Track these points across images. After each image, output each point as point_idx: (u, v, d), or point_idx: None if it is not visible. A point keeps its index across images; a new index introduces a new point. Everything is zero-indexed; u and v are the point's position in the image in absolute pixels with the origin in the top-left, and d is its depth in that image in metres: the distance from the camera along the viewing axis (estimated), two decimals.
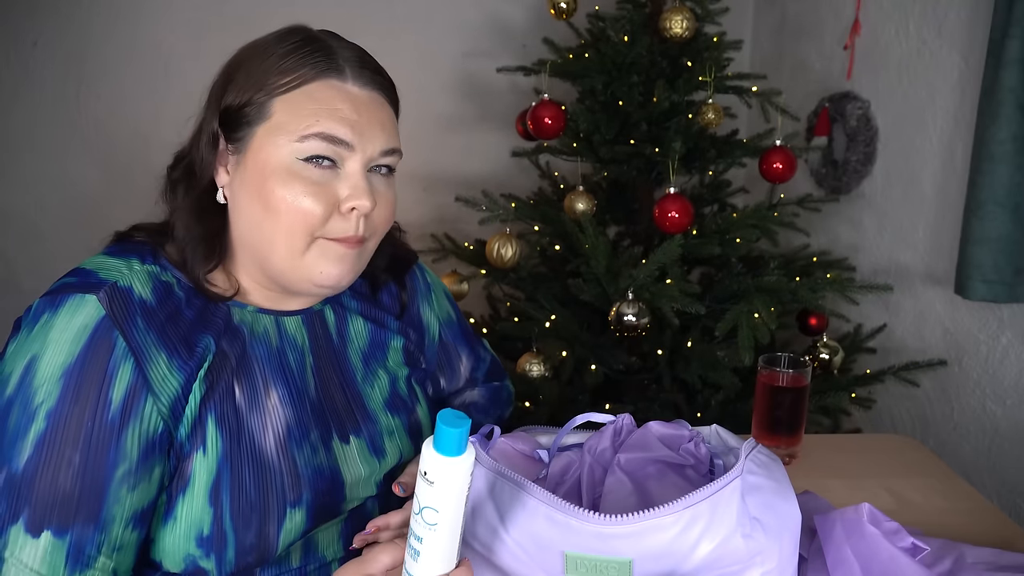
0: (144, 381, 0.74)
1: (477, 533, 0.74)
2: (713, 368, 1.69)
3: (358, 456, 0.89)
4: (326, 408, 0.88)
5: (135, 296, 0.76)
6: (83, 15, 2.26)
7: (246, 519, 0.79)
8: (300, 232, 0.78)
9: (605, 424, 0.87)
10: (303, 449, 0.84)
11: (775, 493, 0.73)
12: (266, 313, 0.86)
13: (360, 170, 0.80)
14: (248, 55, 0.81)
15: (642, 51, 1.76)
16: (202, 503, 0.78)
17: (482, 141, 2.53)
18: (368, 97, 0.81)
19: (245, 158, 0.80)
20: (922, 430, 1.90)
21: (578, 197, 1.75)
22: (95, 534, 0.72)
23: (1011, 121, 1.48)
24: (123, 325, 0.74)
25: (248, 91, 0.79)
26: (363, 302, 0.96)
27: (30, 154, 2.31)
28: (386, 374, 0.95)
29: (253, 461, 0.80)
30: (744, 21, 2.57)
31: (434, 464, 0.63)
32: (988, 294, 1.55)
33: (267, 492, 0.80)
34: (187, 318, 0.79)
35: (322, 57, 0.79)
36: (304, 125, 0.77)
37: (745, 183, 2.23)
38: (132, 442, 0.73)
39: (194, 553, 0.78)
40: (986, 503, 1.03)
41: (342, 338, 0.92)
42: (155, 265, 0.80)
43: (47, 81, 2.28)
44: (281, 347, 0.86)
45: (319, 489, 0.84)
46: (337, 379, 0.90)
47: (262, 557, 0.80)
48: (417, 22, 2.44)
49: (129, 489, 0.74)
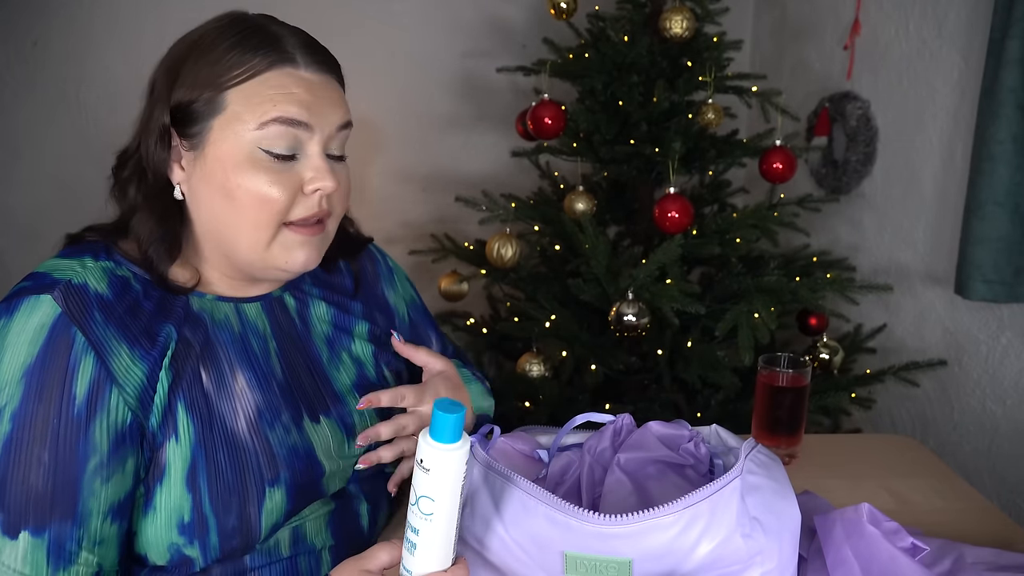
0: (107, 373, 0.74)
1: (477, 533, 0.74)
2: (713, 368, 1.69)
3: (330, 435, 0.89)
4: (294, 390, 0.88)
5: (90, 291, 0.77)
6: (83, 15, 2.26)
7: (225, 502, 0.79)
8: (266, 222, 0.80)
9: (605, 424, 0.87)
10: (275, 429, 0.84)
11: (775, 493, 0.73)
12: (226, 301, 0.87)
13: (320, 152, 0.82)
14: (190, 50, 0.81)
15: (642, 51, 1.76)
16: (180, 490, 0.78)
17: (482, 141, 2.53)
18: (319, 79, 0.83)
19: (204, 152, 0.80)
20: (922, 430, 1.90)
21: (578, 197, 1.75)
22: (73, 529, 0.73)
23: (1011, 121, 1.48)
24: (80, 321, 0.74)
25: (198, 86, 0.79)
26: (322, 288, 0.97)
27: (30, 154, 2.31)
28: (351, 359, 0.96)
29: (227, 444, 0.81)
30: (744, 21, 2.57)
31: (430, 452, 0.64)
32: (988, 294, 1.55)
33: (244, 473, 0.81)
34: (146, 309, 0.80)
35: (272, 47, 0.80)
36: (262, 111, 0.78)
37: (745, 183, 2.23)
38: (101, 435, 0.74)
39: (177, 541, 0.79)
40: (986, 503, 1.03)
41: (304, 323, 0.93)
42: (109, 261, 0.81)
43: (47, 81, 2.28)
44: (243, 333, 0.86)
45: (296, 468, 0.84)
46: (303, 362, 0.91)
47: (247, 541, 0.81)
48: (417, 22, 2.43)
49: (103, 481, 0.74)
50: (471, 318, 2.12)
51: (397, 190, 2.54)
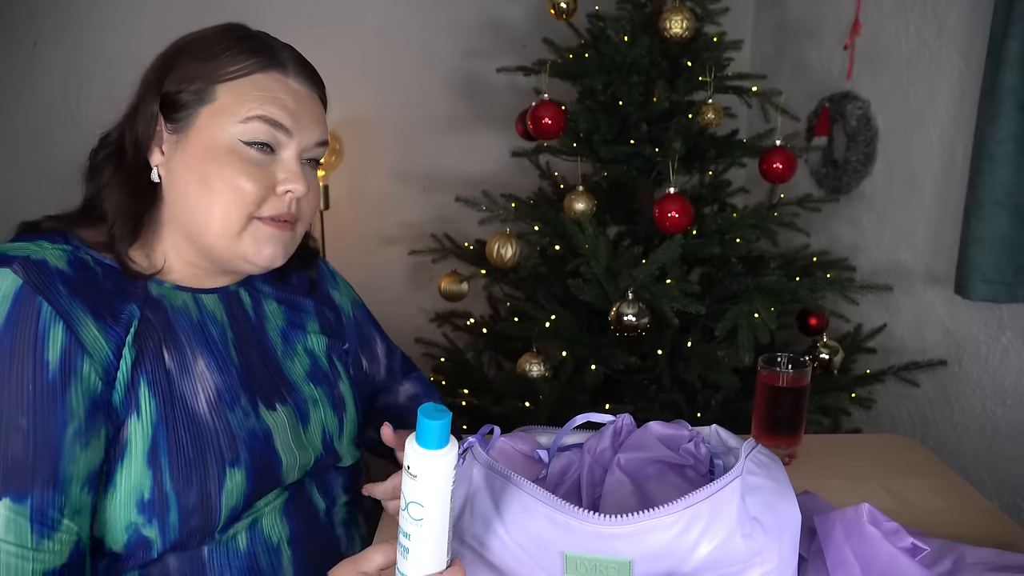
0: (78, 342, 0.75)
1: (477, 533, 0.74)
2: (713, 368, 1.69)
3: (287, 422, 0.91)
4: (251, 378, 0.91)
5: (51, 267, 0.77)
6: (83, 15, 2.26)
7: (186, 478, 0.80)
8: (236, 211, 0.83)
9: (605, 424, 0.87)
10: (235, 412, 0.86)
11: (775, 493, 0.73)
12: (183, 290, 0.88)
13: (295, 157, 0.86)
14: (189, 46, 0.86)
15: (642, 51, 1.76)
16: (141, 467, 0.79)
17: (482, 141, 2.53)
18: (306, 92, 0.88)
19: (187, 137, 0.83)
20: (922, 430, 1.90)
21: (578, 197, 1.75)
22: (55, 496, 0.73)
23: (1011, 121, 1.48)
24: (45, 291, 0.75)
25: (190, 77, 0.83)
26: (276, 287, 1.00)
27: (30, 154, 2.31)
28: (305, 351, 0.99)
29: (188, 422, 0.82)
30: (744, 21, 2.57)
31: (417, 458, 0.64)
32: (988, 294, 1.55)
33: (205, 451, 0.82)
34: (107, 289, 0.81)
35: (267, 53, 0.86)
36: (248, 108, 0.82)
37: (745, 183, 2.23)
38: (77, 401, 0.74)
39: (136, 520, 0.79)
40: (986, 503, 1.03)
41: (259, 317, 0.96)
42: (67, 245, 0.82)
43: (47, 81, 2.28)
44: (202, 320, 0.89)
45: (254, 450, 0.86)
46: (257, 353, 0.93)
47: (206, 523, 0.82)
48: (417, 22, 2.43)
49: (82, 447, 0.75)
50: (471, 318, 2.12)
51: (397, 190, 2.54)
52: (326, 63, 0.95)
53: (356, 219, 2.52)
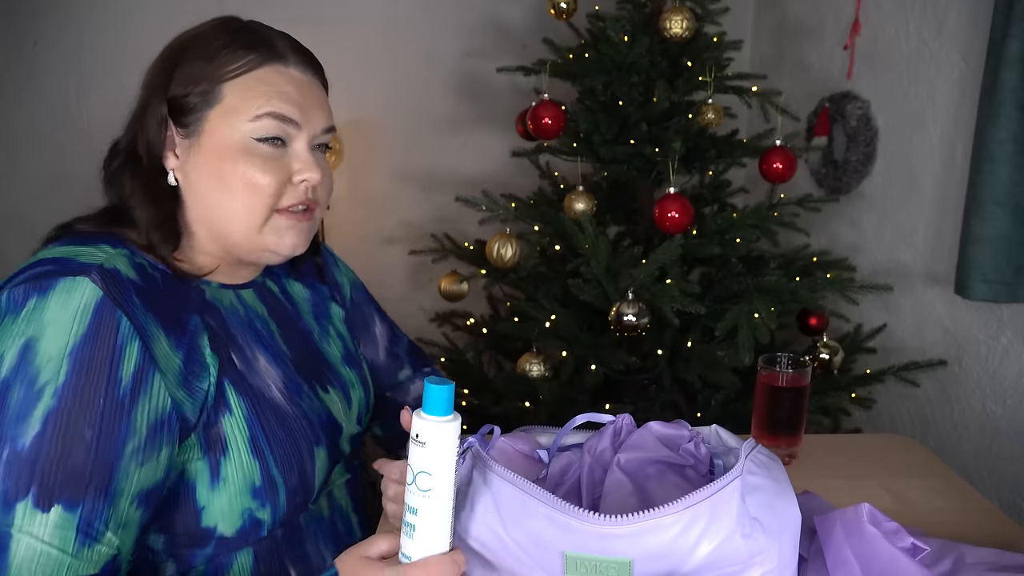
0: (151, 359, 0.77)
1: (477, 533, 0.74)
2: (713, 368, 1.69)
3: (339, 403, 0.98)
4: (304, 366, 0.96)
5: (123, 277, 0.78)
6: (83, 15, 2.26)
7: (287, 463, 0.86)
8: (258, 207, 0.85)
9: (605, 424, 0.87)
10: (303, 398, 0.92)
11: (775, 493, 0.73)
12: (227, 288, 0.92)
13: (306, 147, 0.88)
14: (187, 45, 0.86)
15: (642, 51, 1.76)
16: (247, 458, 0.84)
17: (482, 141, 2.53)
18: (308, 80, 0.89)
19: (199, 141, 0.85)
20: (922, 430, 1.90)
21: (578, 197, 1.75)
22: (105, 508, 0.74)
23: (1011, 121, 1.48)
24: (123, 304, 0.76)
25: (195, 78, 0.84)
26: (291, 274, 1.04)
27: (30, 154, 2.31)
28: (336, 334, 1.05)
29: (274, 413, 0.87)
30: (744, 21, 2.57)
31: (424, 426, 0.68)
32: (988, 294, 1.55)
33: (295, 436, 0.88)
34: (169, 296, 0.83)
35: (264, 45, 0.86)
36: (256, 105, 0.84)
37: (745, 183, 2.23)
38: (141, 419, 0.76)
39: (251, 506, 0.84)
40: (986, 503, 1.03)
41: (292, 302, 1.01)
42: (125, 249, 0.83)
43: (47, 81, 2.28)
44: (248, 318, 0.92)
45: (327, 429, 0.94)
46: (300, 340, 0.98)
47: (306, 497, 0.90)
48: (417, 22, 2.43)
49: (138, 465, 0.76)
50: (471, 318, 2.12)
51: (397, 190, 2.54)
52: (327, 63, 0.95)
53: (356, 219, 2.52)
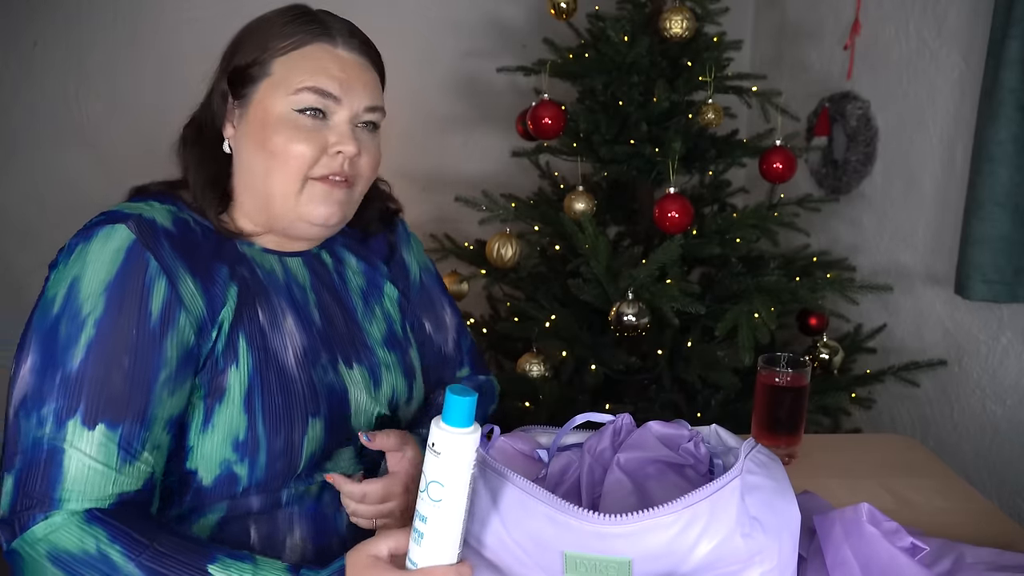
0: (177, 297, 0.84)
1: (477, 533, 0.74)
2: (713, 368, 1.69)
3: (360, 381, 0.99)
4: (331, 336, 0.98)
5: (159, 226, 0.86)
6: (83, 15, 2.26)
7: (275, 426, 0.89)
8: (294, 173, 0.89)
9: (605, 424, 0.87)
10: (316, 368, 0.94)
11: (775, 493, 0.73)
12: (271, 253, 0.96)
13: (346, 121, 0.91)
14: (254, 26, 0.94)
15: (642, 51, 1.76)
16: (238, 411, 0.87)
17: (482, 141, 2.53)
18: (354, 60, 0.93)
19: (248, 111, 0.91)
20: (922, 430, 1.90)
21: (578, 197, 1.75)
22: (141, 431, 0.82)
23: (1011, 121, 1.48)
24: (152, 247, 0.84)
25: (252, 53, 0.91)
26: (356, 252, 1.06)
27: (30, 154, 2.31)
28: (383, 314, 1.06)
29: (278, 375, 0.90)
30: (744, 21, 2.57)
31: (442, 436, 0.65)
32: (988, 294, 1.55)
33: (292, 402, 0.90)
34: (205, 249, 0.89)
35: (317, 25, 0.92)
36: (299, 80, 0.89)
37: (745, 183, 2.23)
38: (172, 350, 0.84)
39: (230, 458, 0.88)
40: (986, 503, 1.03)
41: (342, 278, 1.03)
42: (173, 205, 0.91)
43: (47, 81, 2.28)
44: (288, 282, 0.96)
45: (332, 404, 0.94)
46: (340, 313, 1.00)
47: (289, 466, 0.90)
48: (417, 22, 2.43)
49: (169, 394, 0.84)
50: (471, 318, 2.12)
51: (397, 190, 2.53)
52: None
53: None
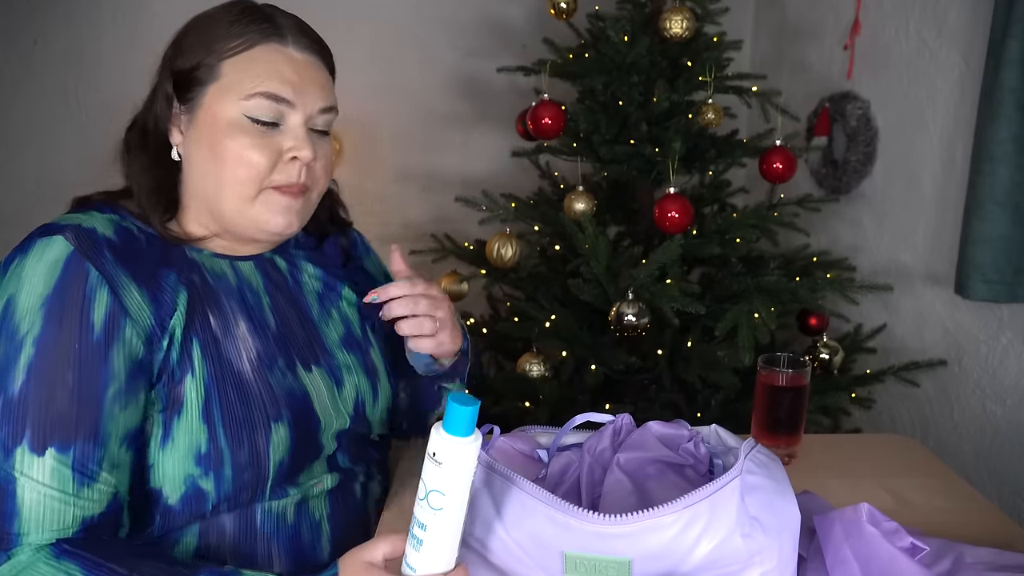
0: (121, 307, 0.80)
1: (476, 533, 0.74)
2: (713, 368, 1.69)
3: (322, 383, 0.95)
4: (287, 340, 0.94)
5: (99, 235, 0.83)
6: (83, 14, 2.26)
7: (237, 434, 0.85)
8: (248, 182, 0.86)
9: (605, 424, 0.87)
10: (274, 372, 0.91)
11: (774, 493, 0.73)
12: (221, 257, 0.93)
13: (301, 124, 0.88)
14: (195, 24, 0.89)
15: (642, 51, 1.76)
16: (197, 422, 0.84)
17: (482, 141, 2.52)
18: (307, 60, 0.89)
19: (197, 116, 0.87)
20: (922, 430, 1.90)
21: (578, 197, 1.75)
22: (95, 450, 0.78)
23: (1011, 121, 1.48)
24: (92, 257, 0.80)
25: (198, 55, 0.86)
26: (310, 252, 1.03)
27: (29, 152, 2.31)
28: (340, 316, 1.02)
29: (235, 382, 0.87)
30: (744, 21, 2.57)
31: (443, 444, 0.64)
32: (988, 294, 1.55)
33: (251, 408, 0.87)
34: (150, 257, 0.86)
35: (266, 24, 0.88)
36: (251, 85, 0.85)
37: (745, 183, 2.23)
38: (119, 362, 0.80)
39: (193, 472, 0.84)
40: (986, 503, 1.03)
41: (296, 281, 1.00)
42: (114, 215, 0.87)
43: (47, 79, 2.28)
44: (239, 287, 0.93)
45: (295, 408, 0.91)
46: (295, 316, 0.97)
47: (257, 476, 0.87)
48: (417, 22, 2.43)
49: (121, 408, 0.80)
50: (471, 318, 2.12)
51: (397, 190, 2.54)
52: None
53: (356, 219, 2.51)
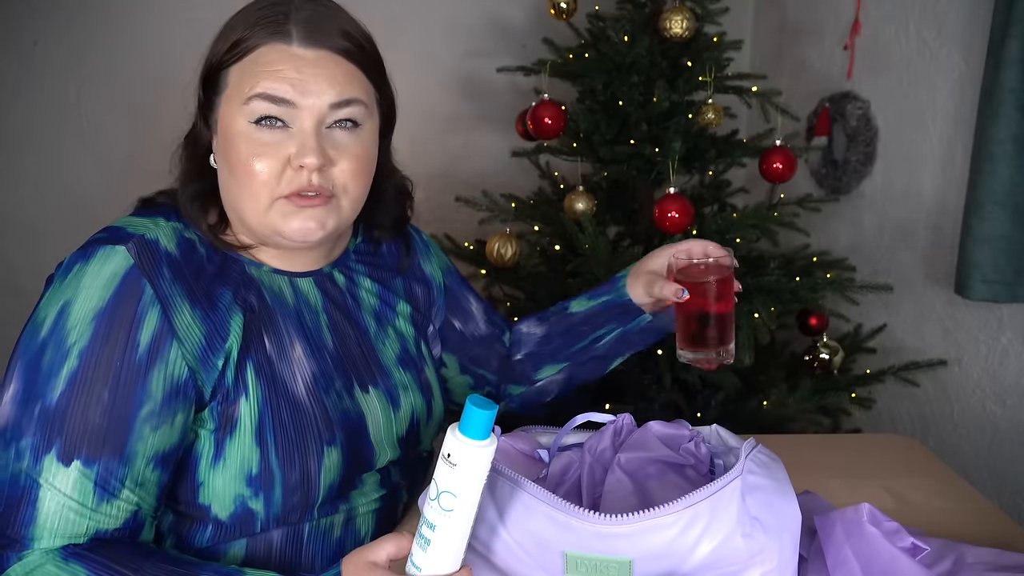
0: (170, 327, 0.79)
1: (477, 533, 0.74)
2: None
3: (378, 405, 0.94)
4: (344, 360, 0.93)
5: (161, 248, 0.82)
6: (83, 15, 2.26)
7: (289, 457, 0.85)
8: (258, 192, 0.83)
9: (605, 424, 0.87)
10: (330, 395, 0.90)
11: (775, 493, 0.73)
12: (280, 274, 0.91)
13: (311, 127, 0.82)
14: (220, 32, 0.87)
15: (642, 51, 1.76)
16: (250, 443, 0.84)
17: (482, 141, 2.52)
18: (314, 56, 0.83)
19: (217, 124, 0.86)
20: (922, 430, 1.90)
21: (578, 197, 1.75)
22: (120, 468, 0.78)
23: (1011, 121, 1.48)
24: (151, 274, 0.80)
25: (214, 64, 0.85)
26: (368, 264, 1.01)
27: (30, 154, 2.31)
28: (396, 334, 1.01)
29: (289, 404, 0.86)
30: (744, 21, 2.57)
31: (459, 447, 0.64)
32: (988, 294, 1.55)
33: (304, 432, 0.86)
34: (209, 272, 0.85)
35: (271, 24, 0.83)
36: (248, 87, 0.82)
37: (745, 183, 2.23)
38: (157, 384, 0.79)
39: (243, 493, 0.84)
40: (986, 503, 1.03)
41: (354, 298, 0.98)
42: (179, 223, 0.87)
43: (47, 81, 2.28)
44: (297, 306, 0.91)
45: (348, 431, 0.90)
46: (352, 335, 0.95)
47: (306, 497, 0.86)
48: (417, 22, 2.43)
49: (152, 429, 0.79)
50: None
51: None
52: None
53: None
